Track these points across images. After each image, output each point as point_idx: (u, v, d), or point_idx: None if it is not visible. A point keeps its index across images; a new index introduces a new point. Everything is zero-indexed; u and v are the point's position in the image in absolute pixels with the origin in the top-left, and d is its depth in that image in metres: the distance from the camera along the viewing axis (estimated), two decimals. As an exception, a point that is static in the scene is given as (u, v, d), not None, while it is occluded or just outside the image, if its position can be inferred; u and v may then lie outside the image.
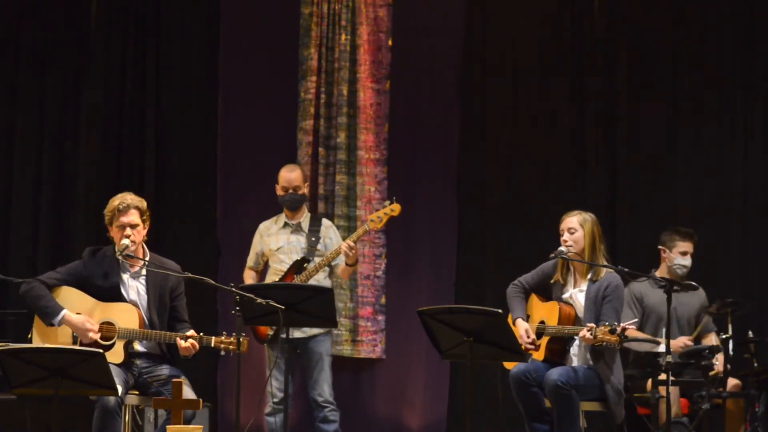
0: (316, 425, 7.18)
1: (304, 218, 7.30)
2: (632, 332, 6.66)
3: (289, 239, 7.24)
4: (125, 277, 6.15)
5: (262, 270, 7.37)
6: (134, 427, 6.34)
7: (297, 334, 7.07)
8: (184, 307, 6.24)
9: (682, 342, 7.04)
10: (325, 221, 7.38)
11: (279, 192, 7.28)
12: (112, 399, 5.74)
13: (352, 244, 7.00)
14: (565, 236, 6.38)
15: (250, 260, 7.38)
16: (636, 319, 6.81)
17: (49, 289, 6.07)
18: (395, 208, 7.09)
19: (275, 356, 7.06)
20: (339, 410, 7.20)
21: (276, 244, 7.24)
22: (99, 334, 5.99)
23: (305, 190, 7.30)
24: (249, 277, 7.36)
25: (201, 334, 6.00)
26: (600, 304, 6.25)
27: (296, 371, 7.28)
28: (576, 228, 6.37)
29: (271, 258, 7.26)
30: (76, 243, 7.99)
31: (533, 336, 6.32)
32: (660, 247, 7.29)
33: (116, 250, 6.07)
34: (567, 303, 6.38)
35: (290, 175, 7.25)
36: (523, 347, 6.19)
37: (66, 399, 5.36)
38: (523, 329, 6.33)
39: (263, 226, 7.37)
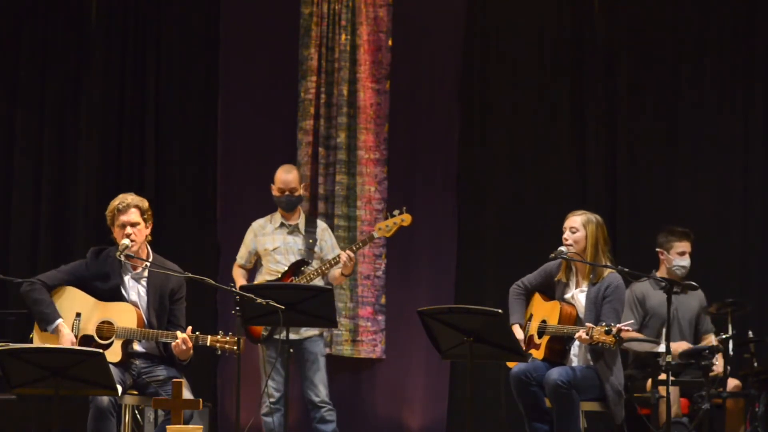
0: (314, 426, 7.18)
1: (301, 219, 7.28)
2: (629, 333, 6.66)
3: (286, 240, 7.21)
4: (126, 278, 6.14)
5: (252, 268, 7.35)
6: (134, 427, 6.33)
7: (291, 336, 7.05)
8: (182, 311, 6.21)
9: (684, 347, 7.01)
10: (320, 223, 7.35)
11: (275, 193, 7.24)
12: (105, 399, 5.73)
13: (352, 255, 6.95)
14: (567, 234, 6.36)
15: (241, 258, 7.34)
16: (632, 320, 6.79)
17: (50, 290, 6.06)
18: (406, 219, 7.01)
19: (270, 356, 7.06)
20: (336, 410, 7.19)
21: (272, 244, 7.21)
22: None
23: (301, 192, 7.27)
24: (239, 275, 7.32)
25: (197, 333, 5.99)
26: (600, 305, 6.24)
27: (292, 372, 7.24)
28: (578, 228, 6.35)
29: (265, 258, 7.22)
30: (76, 243, 8.00)
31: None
32: (657, 249, 7.28)
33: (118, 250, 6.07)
34: (569, 303, 6.38)
35: (287, 177, 7.20)
36: None
37: (66, 399, 5.36)
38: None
39: (257, 224, 7.32)
